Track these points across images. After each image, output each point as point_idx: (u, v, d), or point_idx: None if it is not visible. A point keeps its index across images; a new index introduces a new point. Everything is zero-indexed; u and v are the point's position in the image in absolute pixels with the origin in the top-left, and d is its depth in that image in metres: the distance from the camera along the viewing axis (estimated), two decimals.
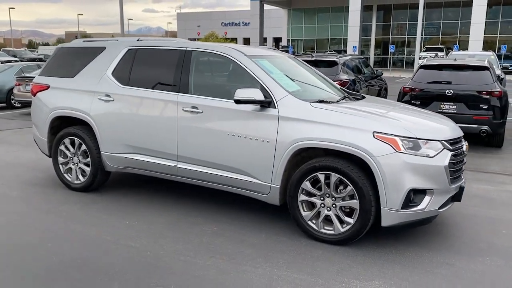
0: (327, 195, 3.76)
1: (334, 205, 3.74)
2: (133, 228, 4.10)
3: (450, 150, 3.69)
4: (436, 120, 4.10)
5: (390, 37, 40.62)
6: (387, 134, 3.55)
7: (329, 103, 4.12)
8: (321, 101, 4.10)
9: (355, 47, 33.24)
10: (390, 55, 39.22)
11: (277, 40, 50.00)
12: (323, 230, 3.81)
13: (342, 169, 3.62)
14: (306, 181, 3.81)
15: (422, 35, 38.89)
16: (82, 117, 4.91)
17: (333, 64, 8.97)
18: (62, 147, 5.15)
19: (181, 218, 4.36)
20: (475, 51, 18.43)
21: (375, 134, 3.56)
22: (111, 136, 4.76)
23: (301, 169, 3.82)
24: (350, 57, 10.31)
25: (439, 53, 32.76)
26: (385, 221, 3.57)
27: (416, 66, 33.25)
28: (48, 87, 5.27)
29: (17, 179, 5.64)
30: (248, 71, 4.18)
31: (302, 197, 3.86)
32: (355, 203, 3.63)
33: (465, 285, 3.16)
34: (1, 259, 3.48)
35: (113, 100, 4.74)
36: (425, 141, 3.59)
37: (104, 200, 4.87)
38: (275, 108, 3.95)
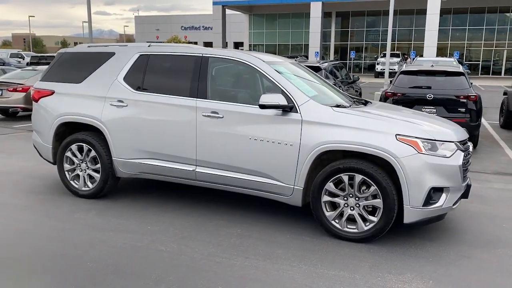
0: (351, 195, 3.96)
1: (357, 205, 3.94)
2: (158, 233, 4.12)
3: (462, 151, 3.98)
4: (445, 123, 4.39)
5: (349, 43, 41.87)
6: (409, 136, 3.79)
7: (346, 107, 4.33)
8: (337, 106, 4.30)
9: (317, 52, 34.03)
10: (349, 60, 40.39)
11: (237, 45, 50.23)
12: (346, 229, 4.00)
13: (367, 170, 3.83)
14: (330, 182, 3.99)
15: (379, 41, 40.52)
16: (92, 123, 4.86)
17: (317, 69, 9.26)
18: (68, 154, 5.07)
19: (203, 222, 4.42)
20: (438, 58, 19.42)
21: (397, 136, 3.79)
22: (124, 142, 4.75)
23: (324, 171, 3.99)
24: (330, 63, 10.66)
25: (396, 59, 34.09)
26: (408, 218, 3.81)
27: (375, 70, 34.53)
28: (52, 93, 5.17)
29: (16, 188, 5.47)
30: (269, 77, 4.32)
31: (325, 198, 4.04)
32: (378, 202, 3.84)
33: (488, 275, 3.44)
34: (37, 268, 3.42)
35: (126, 106, 4.73)
36: (442, 142, 3.86)
37: (116, 206, 4.84)
38: (297, 112, 4.10)
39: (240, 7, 41.83)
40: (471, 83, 8.46)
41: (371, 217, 3.90)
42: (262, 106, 4.09)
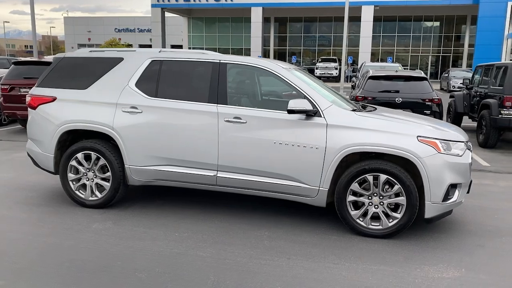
0: (375, 194, 4.21)
1: (381, 203, 4.21)
2: (189, 239, 4.12)
3: (469, 149, 4.40)
4: (449, 125, 4.79)
5: (287, 48, 42.96)
6: (429, 137, 4.12)
7: (363, 111, 4.59)
8: (353, 110, 4.55)
9: (260, 56, 34.57)
10: None
11: (176, 48, 49.61)
12: (371, 226, 4.25)
13: (391, 170, 4.11)
14: (355, 182, 4.22)
15: (316, 47, 42.00)
16: (103, 130, 4.72)
17: None
18: (73, 163, 4.87)
19: (226, 226, 4.47)
20: (383, 63, 20.58)
21: (418, 138, 4.11)
22: (139, 149, 4.66)
23: (350, 172, 4.22)
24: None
25: (333, 64, 35.53)
26: (429, 213, 4.13)
27: (314, 75, 35.72)
28: (53, 99, 4.94)
29: (11, 200, 5.16)
30: (290, 82, 4.47)
31: (350, 197, 4.26)
32: (402, 199, 4.14)
33: (506, 261, 3.84)
34: (87, 282, 3.29)
35: (141, 112, 4.65)
36: (454, 142, 4.24)
37: (129, 214, 4.74)
38: (321, 117, 4.29)
39: (179, 10, 41.47)
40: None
41: (394, 214, 4.18)
42: (291, 111, 4.23)
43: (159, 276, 3.39)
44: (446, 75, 28.12)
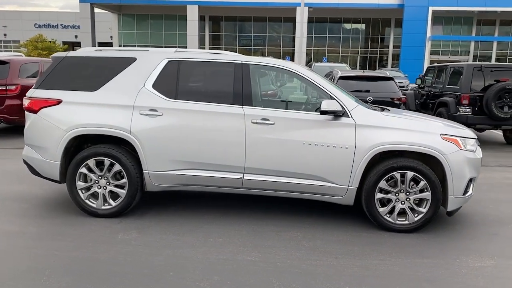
0: (401, 191, 4.40)
1: (407, 199, 4.40)
2: (228, 244, 4.02)
3: (479, 146, 4.74)
4: (457, 124, 5.10)
5: (223, 47, 42.86)
6: (451, 135, 4.39)
7: (386, 111, 4.76)
8: (378, 110, 4.71)
9: None
10: None
11: (104, 45, 47.45)
12: (398, 222, 4.43)
13: (418, 167, 4.31)
14: (383, 180, 4.38)
15: (251, 46, 42.38)
16: (119, 134, 4.45)
17: None
18: (83, 170, 4.53)
19: (256, 228, 4.41)
20: (332, 63, 21.26)
21: (442, 136, 4.36)
22: (160, 153, 4.45)
23: (379, 170, 4.36)
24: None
25: None
26: (451, 207, 4.40)
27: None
28: (58, 102, 4.55)
29: (8, 213, 4.69)
30: (315, 83, 4.52)
31: (378, 195, 4.41)
32: (427, 195, 4.36)
33: None
34: None
35: (161, 115, 4.45)
36: (469, 139, 4.54)
37: (152, 222, 4.51)
38: (349, 117, 4.39)
39: (109, 6, 39.81)
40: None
41: (420, 209, 4.40)
42: (324, 112, 4.29)
43: (222, 284, 3.28)
44: None
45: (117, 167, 4.51)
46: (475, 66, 9.40)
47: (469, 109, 9.34)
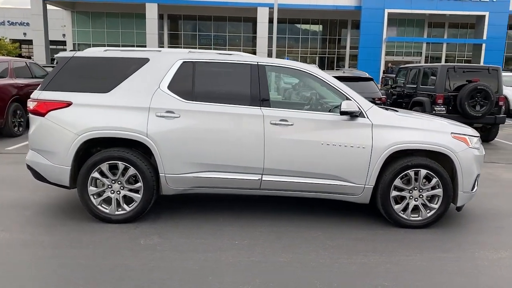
0: (415, 188, 4.55)
1: (420, 196, 4.56)
2: (254, 246, 4.01)
3: (481, 143, 4.99)
4: (458, 123, 5.32)
5: (182, 46, 42.27)
6: (460, 134, 4.59)
7: (398, 111, 4.91)
8: (393, 110, 4.84)
9: None
10: None
11: (56, 43, 45.55)
12: (411, 218, 4.59)
13: (431, 165, 4.48)
14: (398, 178, 4.51)
15: (212, 46, 42.08)
16: (136, 137, 4.31)
17: None
18: (95, 174, 4.37)
19: (273, 230, 4.42)
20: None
21: (452, 134, 4.55)
22: (177, 156, 4.37)
23: (394, 169, 4.49)
24: None
25: None
26: (460, 202, 4.61)
27: None
28: (68, 104, 4.35)
29: (10, 221, 4.44)
30: (331, 84, 4.60)
31: (393, 193, 4.54)
32: (439, 191, 4.54)
33: None
34: None
35: (178, 117, 4.36)
36: (474, 137, 4.77)
37: (169, 225, 4.42)
38: (365, 117, 4.50)
39: (62, 3, 38.24)
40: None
41: (432, 205, 4.57)
42: (344, 113, 4.36)
43: (266, 287, 3.27)
44: None
45: (131, 171, 4.37)
46: (449, 67, 9.86)
47: (444, 108, 9.78)
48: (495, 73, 9.94)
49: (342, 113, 4.38)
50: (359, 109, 4.47)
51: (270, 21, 38.93)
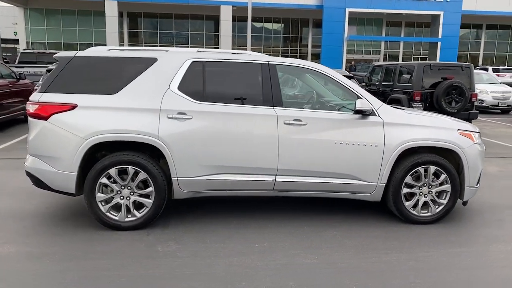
0: (424, 184, 4.63)
1: (430, 192, 4.65)
2: (276, 249, 3.95)
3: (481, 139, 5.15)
4: (458, 119, 5.45)
5: (143, 44, 41.35)
6: (466, 130, 4.71)
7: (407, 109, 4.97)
8: (401, 108, 4.90)
9: None
10: None
11: (7, 41, 43.41)
12: (421, 214, 4.67)
13: (440, 162, 4.58)
14: (409, 175, 4.58)
15: (173, 44, 41.39)
16: (148, 140, 4.13)
17: None
18: (103, 180, 4.15)
19: (293, 231, 4.37)
20: None
21: (459, 131, 4.66)
22: (190, 159, 4.23)
23: (405, 166, 4.55)
24: None
25: None
26: (467, 197, 4.73)
27: None
28: (73, 107, 4.11)
29: (13, 233, 4.16)
30: (341, 83, 4.59)
31: (404, 190, 4.60)
32: (447, 187, 4.64)
33: None
34: None
35: (191, 118, 4.22)
36: (476, 133, 4.91)
37: (182, 230, 4.27)
38: (376, 116, 4.53)
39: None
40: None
41: (440, 200, 4.67)
42: (359, 112, 4.37)
43: None
44: None
45: (142, 175, 4.19)
46: (425, 64, 10.15)
47: (421, 105, 10.06)
48: (468, 71, 10.33)
49: (357, 111, 4.39)
50: (371, 107, 4.50)
51: (233, 19, 38.88)
